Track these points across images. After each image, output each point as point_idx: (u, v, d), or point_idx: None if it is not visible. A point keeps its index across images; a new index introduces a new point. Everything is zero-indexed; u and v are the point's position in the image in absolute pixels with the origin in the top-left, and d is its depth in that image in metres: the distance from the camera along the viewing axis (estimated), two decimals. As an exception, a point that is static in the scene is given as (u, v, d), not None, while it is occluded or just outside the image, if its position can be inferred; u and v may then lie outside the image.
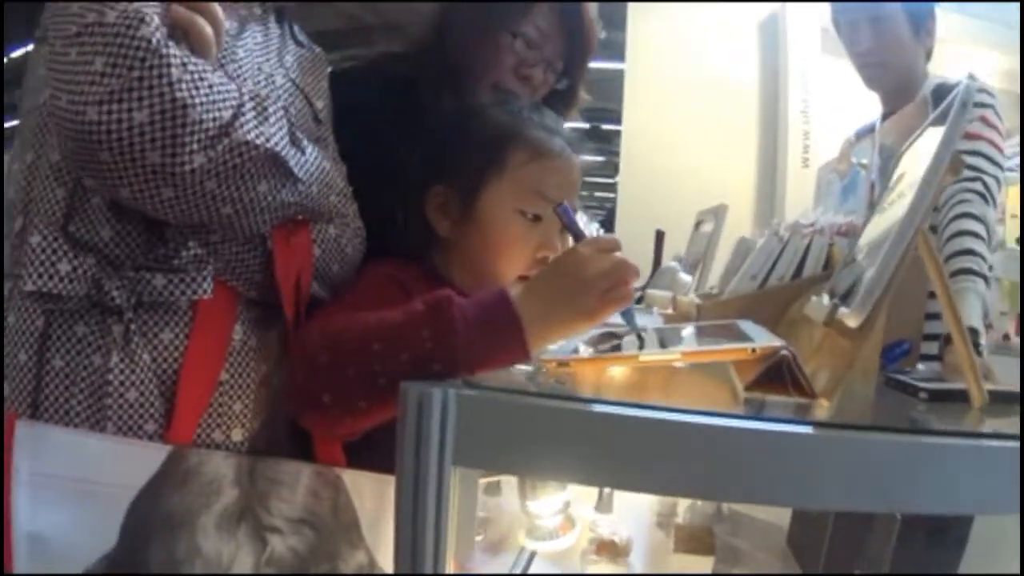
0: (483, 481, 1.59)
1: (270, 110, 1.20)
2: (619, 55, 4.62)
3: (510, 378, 1.11)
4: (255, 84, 1.25)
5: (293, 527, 1.18)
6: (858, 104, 2.74)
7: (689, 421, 0.86)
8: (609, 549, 1.75)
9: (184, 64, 1.08)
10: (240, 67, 1.24)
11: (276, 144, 1.18)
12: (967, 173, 2.06)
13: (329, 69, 1.53)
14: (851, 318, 0.98)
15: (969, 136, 2.11)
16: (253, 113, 1.16)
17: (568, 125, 1.61)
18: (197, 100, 1.08)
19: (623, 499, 2.03)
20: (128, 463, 1.13)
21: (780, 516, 2.04)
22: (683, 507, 2.04)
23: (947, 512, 1.01)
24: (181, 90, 1.06)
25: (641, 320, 1.28)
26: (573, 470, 0.93)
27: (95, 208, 1.18)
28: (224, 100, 1.12)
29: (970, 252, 1.94)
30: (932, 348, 1.70)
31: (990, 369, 1.66)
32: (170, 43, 1.07)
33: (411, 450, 0.90)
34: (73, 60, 1.06)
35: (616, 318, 1.20)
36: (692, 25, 4.28)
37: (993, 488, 0.84)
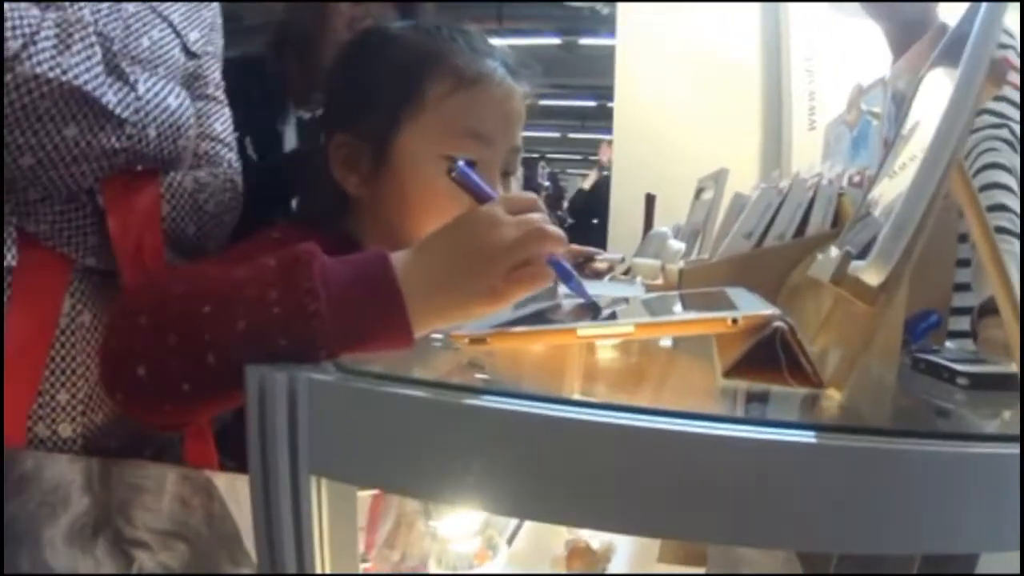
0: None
1: (75, 37, 1.02)
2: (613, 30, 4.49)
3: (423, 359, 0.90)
4: (79, 11, 1.07)
5: (162, 541, 1.05)
6: (867, 61, 2.58)
7: (627, 424, 0.62)
8: (583, 556, 1.52)
9: None
10: None
11: (78, 78, 1.01)
12: (992, 120, 1.83)
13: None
14: (870, 272, 0.71)
15: (990, 79, 1.88)
16: (52, 43, 1.00)
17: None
18: None
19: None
20: None
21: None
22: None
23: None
24: None
25: (624, 291, 1.06)
26: (468, 492, 0.67)
27: None
28: (14, 29, 0.97)
29: (1002, 207, 1.71)
30: (960, 324, 1.48)
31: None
32: None
33: (257, 453, 0.71)
34: None
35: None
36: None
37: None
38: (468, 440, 0.65)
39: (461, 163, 0.96)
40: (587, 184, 8.07)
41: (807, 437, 0.60)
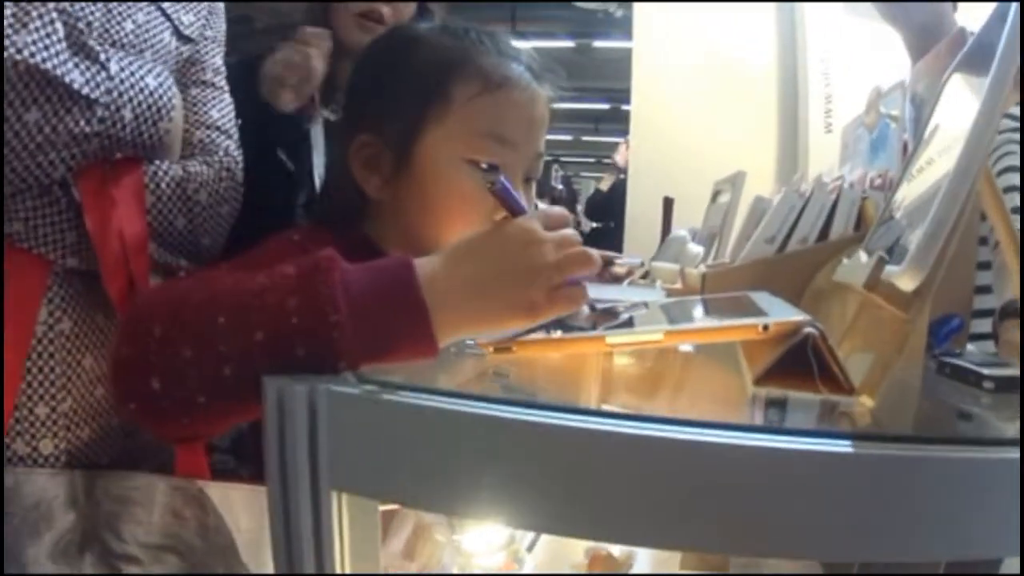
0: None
1: (32, 15, 0.94)
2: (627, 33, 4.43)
3: (446, 368, 0.86)
4: None
5: (153, 555, 0.98)
6: (883, 64, 2.50)
7: (658, 435, 0.59)
8: (604, 563, 1.49)
9: None
10: None
11: (35, 55, 0.93)
12: (1008, 123, 1.77)
13: None
14: (905, 278, 0.70)
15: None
16: (7, 21, 0.92)
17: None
18: None
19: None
20: None
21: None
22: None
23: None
24: None
25: (644, 295, 1.01)
26: (493, 506, 0.64)
27: None
28: None
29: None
30: (981, 327, 1.45)
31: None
32: None
33: (276, 467, 0.67)
34: None
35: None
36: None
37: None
38: (493, 452, 0.63)
39: (502, 177, 0.90)
40: (604, 186, 7.98)
41: (839, 446, 0.58)
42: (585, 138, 15.11)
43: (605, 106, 12.09)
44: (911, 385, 0.84)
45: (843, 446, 0.58)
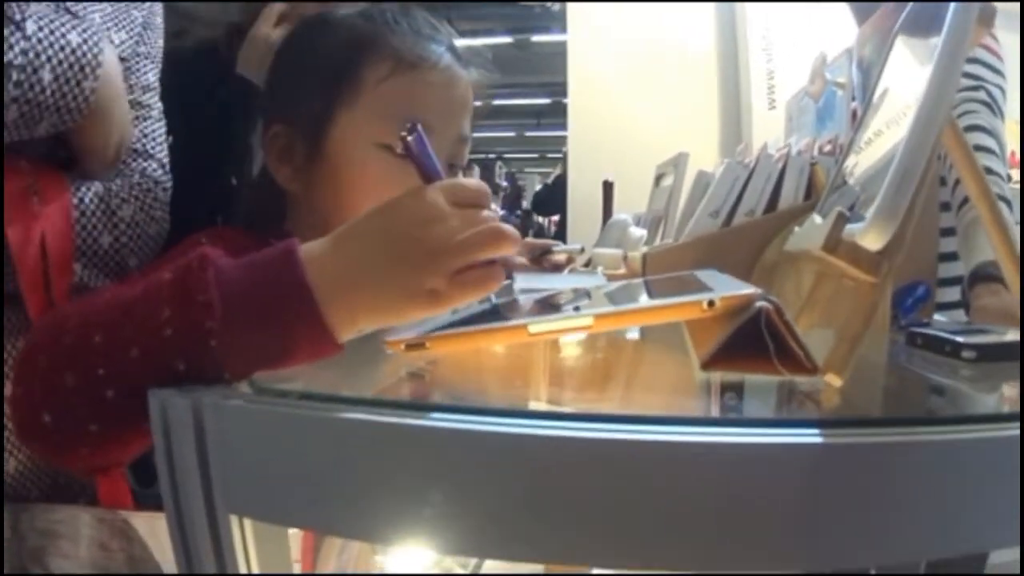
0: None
1: None
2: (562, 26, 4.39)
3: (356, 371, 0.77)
4: None
5: None
6: (825, 36, 2.47)
7: (600, 437, 0.50)
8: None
9: None
10: None
11: None
12: (967, 82, 1.75)
13: None
14: (871, 235, 0.60)
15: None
16: None
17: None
18: None
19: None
20: None
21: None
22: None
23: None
24: None
25: (585, 282, 1.02)
26: (416, 530, 0.54)
27: None
28: None
29: (987, 171, 1.60)
30: (945, 295, 1.44)
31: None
32: None
33: (168, 490, 0.60)
34: None
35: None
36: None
37: None
38: (409, 468, 0.54)
39: (417, 127, 0.79)
40: (550, 180, 7.99)
41: (805, 435, 0.50)
42: (528, 133, 15.11)
43: (546, 100, 12.08)
44: (876, 359, 0.77)
45: (809, 435, 0.50)
